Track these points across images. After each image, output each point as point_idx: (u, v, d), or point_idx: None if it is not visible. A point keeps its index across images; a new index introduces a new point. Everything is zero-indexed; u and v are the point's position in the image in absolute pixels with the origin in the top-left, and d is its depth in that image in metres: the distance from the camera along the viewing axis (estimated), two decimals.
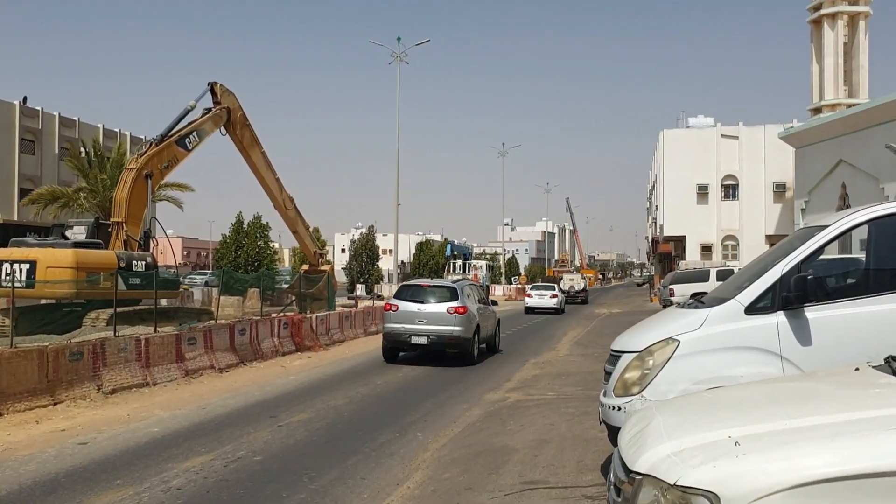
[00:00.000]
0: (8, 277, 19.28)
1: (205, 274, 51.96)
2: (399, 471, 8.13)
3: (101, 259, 19.83)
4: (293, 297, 29.02)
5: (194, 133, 23.65)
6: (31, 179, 55.06)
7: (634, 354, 6.30)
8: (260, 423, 10.62)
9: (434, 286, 19.08)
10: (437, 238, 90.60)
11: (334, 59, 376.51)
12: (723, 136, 53.93)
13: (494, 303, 32.64)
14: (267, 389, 13.80)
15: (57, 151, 57.93)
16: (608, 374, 6.70)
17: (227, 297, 34.38)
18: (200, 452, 8.82)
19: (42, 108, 60.95)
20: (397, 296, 18.95)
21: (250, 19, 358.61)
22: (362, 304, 31.02)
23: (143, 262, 20.96)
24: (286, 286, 30.66)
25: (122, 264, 20.26)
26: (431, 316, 17.66)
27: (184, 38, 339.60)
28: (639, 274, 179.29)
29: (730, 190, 54.09)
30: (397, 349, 18.22)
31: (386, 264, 75.38)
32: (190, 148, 23.67)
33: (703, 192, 53.57)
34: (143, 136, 73.40)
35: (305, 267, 29.88)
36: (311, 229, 28.95)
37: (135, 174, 21.73)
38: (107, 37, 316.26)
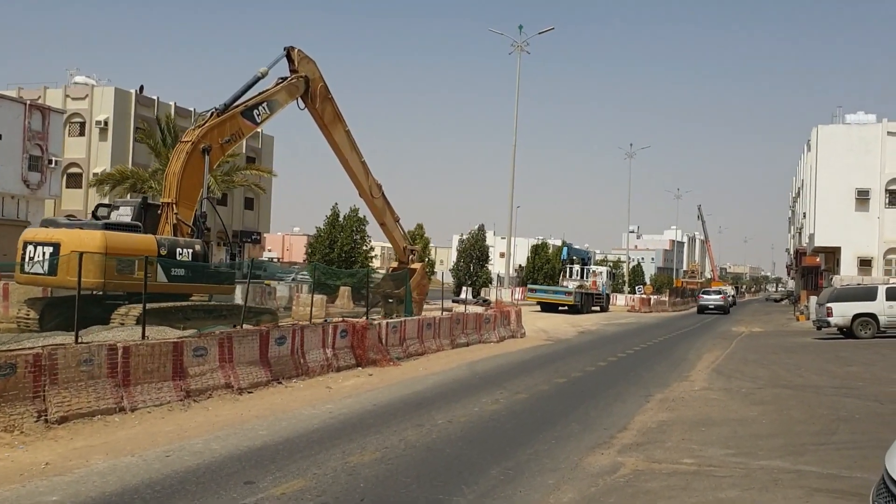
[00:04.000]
0: (32, 263, 16.56)
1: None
2: None
3: (137, 244, 16.72)
4: (389, 300, 25.54)
5: (265, 104, 20.43)
6: (144, 168, 54.31)
7: None
8: (220, 496, 6.77)
9: (714, 290, 65.67)
10: (557, 242, 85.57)
11: (450, 50, 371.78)
12: (889, 133, 46.58)
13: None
14: (281, 425, 9.97)
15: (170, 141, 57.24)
16: None
17: (310, 296, 31.33)
18: None
19: (158, 98, 60.46)
20: (702, 293, 63.62)
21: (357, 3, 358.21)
22: (461, 309, 27.12)
23: (191, 251, 17.75)
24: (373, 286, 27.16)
25: (164, 251, 17.13)
26: (714, 299, 58.86)
27: (282, 21, 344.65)
28: (774, 288, 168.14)
29: None
30: (703, 310, 56.88)
31: (502, 268, 71.23)
32: (259, 121, 20.51)
33: (863, 197, 46.45)
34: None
35: (394, 264, 26.23)
36: (400, 220, 25.24)
37: (189, 147, 18.65)
38: (227, 28, 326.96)
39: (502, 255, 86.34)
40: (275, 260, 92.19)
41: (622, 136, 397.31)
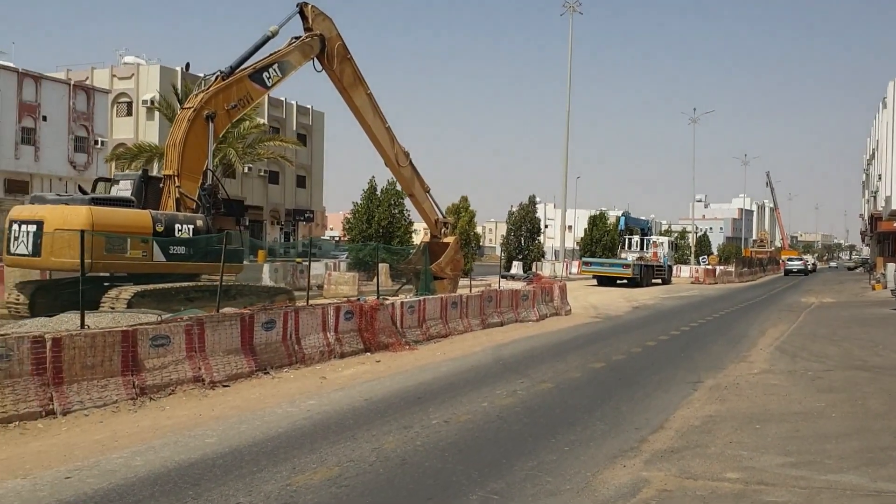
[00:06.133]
0: (17, 243, 15.32)
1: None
2: None
3: (128, 220, 15.36)
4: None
5: (275, 66, 18.85)
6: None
7: None
8: None
9: (796, 258, 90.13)
10: (620, 213, 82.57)
11: (503, 18, 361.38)
12: None
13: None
14: (240, 429, 8.33)
15: None
16: None
17: (344, 274, 29.89)
18: None
19: (204, 75, 59.59)
20: (788, 260, 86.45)
21: None
22: (509, 285, 25.32)
23: (192, 227, 16.30)
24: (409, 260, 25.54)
25: (161, 228, 15.72)
26: (797, 264, 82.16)
27: None
28: (847, 257, 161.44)
29: None
30: (788, 273, 78.46)
31: (567, 240, 68.78)
32: (269, 84, 18.97)
33: None
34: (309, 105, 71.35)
35: (426, 238, 24.48)
36: (430, 190, 23.38)
37: (192, 114, 17.19)
38: None
39: (565, 227, 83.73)
40: (335, 238, 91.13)
41: (685, 102, 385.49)
